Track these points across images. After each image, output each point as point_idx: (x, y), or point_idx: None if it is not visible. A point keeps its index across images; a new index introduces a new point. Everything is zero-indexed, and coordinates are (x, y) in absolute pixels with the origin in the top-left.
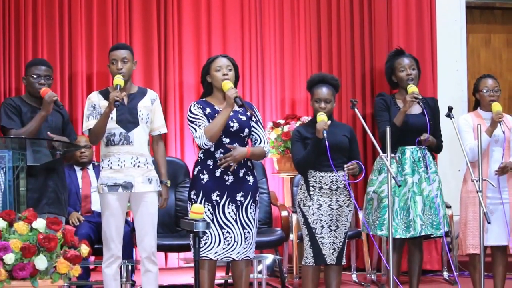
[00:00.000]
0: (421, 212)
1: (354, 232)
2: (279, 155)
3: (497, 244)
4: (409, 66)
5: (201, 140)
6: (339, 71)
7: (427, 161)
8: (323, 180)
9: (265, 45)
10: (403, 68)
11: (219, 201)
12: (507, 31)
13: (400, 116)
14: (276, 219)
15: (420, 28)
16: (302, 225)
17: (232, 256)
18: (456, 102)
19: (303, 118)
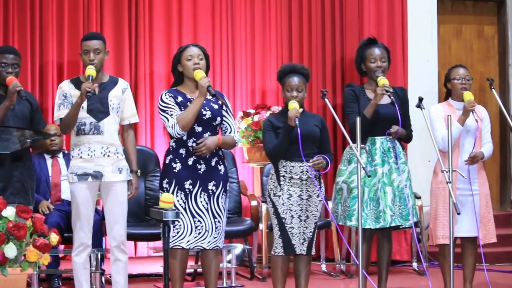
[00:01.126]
0: (391, 203)
1: (324, 222)
2: (249, 145)
3: (467, 235)
4: (379, 58)
5: (173, 129)
6: (309, 61)
7: (396, 152)
8: (294, 170)
9: (236, 35)
10: (374, 59)
11: (192, 189)
12: (478, 22)
13: (371, 108)
14: (245, 208)
15: (391, 19)
16: (272, 215)
17: (203, 245)
18: (427, 93)
19: (273, 108)
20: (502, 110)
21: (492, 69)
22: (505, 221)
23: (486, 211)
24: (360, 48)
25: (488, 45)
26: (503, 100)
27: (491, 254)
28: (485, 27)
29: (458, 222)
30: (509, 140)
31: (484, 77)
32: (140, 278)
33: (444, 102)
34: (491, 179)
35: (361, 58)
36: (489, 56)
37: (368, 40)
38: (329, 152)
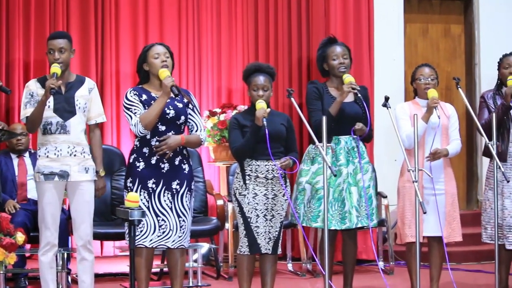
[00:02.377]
0: (356, 203)
1: (289, 222)
2: (215, 144)
3: (433, 234)
4: (341, 55)
5: (136, 128)
6: (276, 60)
7: (359, 151)
8: (259, 169)
9: (202, 34)
10: (336, 56)
11: (155, 188)
12: (444, 21)
13: (336, 106)
14: (211, 208)
15: (358, 18)
16: (237, 214)
17: (167, 244)
18: (393, 92)
19: (239, 107)
20: (468, 109)
21: (458, 68)
22: (471, 220)
23: (452, 209)
24: (321, 48)
25: (455, 44)
26: (470, 99)
27: (458, 253)
28: (452, 26)
29: (425, 221)
30: (475, 139)
31: (451, 76)
32: (107, 277)
33: (411, 100)
34: (457, 178)
35: (322, 57)
36: (455, 55)
37: (328, 39)
38: (295, 151)
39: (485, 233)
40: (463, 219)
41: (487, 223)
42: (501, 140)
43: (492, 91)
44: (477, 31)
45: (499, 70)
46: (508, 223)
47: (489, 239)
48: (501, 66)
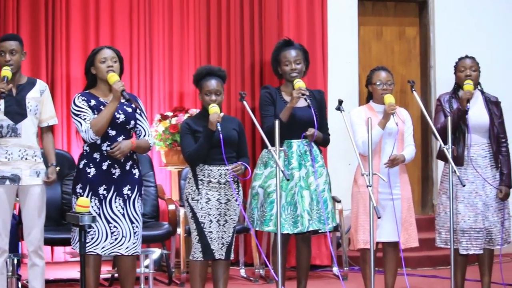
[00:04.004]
0: (308, 207)
1: (242, 227)
2: (166, 148)
3: (388, 240)
4: (294, 60)
5: (87, 134)
6: (228, 63)
7: (313, 155)
8: (212, 174)
9: (154, 37)
10: (288, 61)
11: (106, 195)
12: (399, 23)
13: (287, 112)
14: (163, 213)
15: (311, 20)
16: (190, 219)
17: (121, 251)
18: (347, 95)
19: (191, 110)
20: (423, 113)
21: (413, 71)
22: (427, 225)
23: (408, 215)
24: (275, 51)
25: (410, 46)
26: (425, 102)
27: (413, 258)
28: (407, 28)
29: (380, 226)
30: (431, 143)
31: (405, 79)
32: (57, 283)
33: (365, 105)
34: (412, 182)
35: (276, 61)
36: (410, 58)
37: (284, 41)
38: (246, 156)
39: (439, 237)
40: (418, 224)
41: (441, 227)
42: (457, 144)
43: (449, 95)
44: (432, 33)
45: (455, 73)
46: (462, 227)
47: (443, 243)
48: (457, 70)
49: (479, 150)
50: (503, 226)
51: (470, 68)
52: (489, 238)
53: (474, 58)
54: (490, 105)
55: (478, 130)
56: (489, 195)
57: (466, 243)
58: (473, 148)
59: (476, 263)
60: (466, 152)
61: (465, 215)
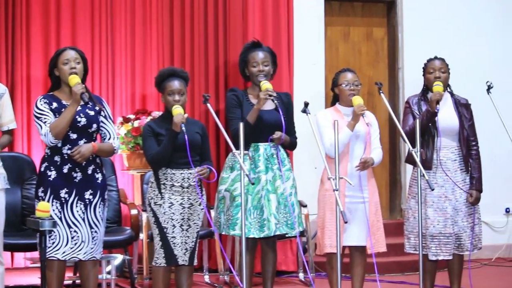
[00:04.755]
0: (275, 210)
1: (206, 232)
2: (129, 152)
3: (356, 244)
4: (262, 62)
5: (47, 138)
6: (191, 64)
7: (280, 158)
8: (175, 177)
9: (116, 38)
10: (256, 63)
11: (68, 198)
12: (366, 24)
13: (254, 113)
14: (125, 217)
15: (277, 21)
16: (152, 224)
17: (79, 256)
18: (314, 98)
19: (154, 113)
20: (391, 115)
21: (381, 72)
22: (395, 229)
23: (376, 219)
24: (243, 52)
25: (377, 47)
26: (393, 104)
27: (380, 264)
28: (374, 29)
29: (347, 230)
30: (399, 146)
31: (373, 81)
32: None
33: (331, 107)
34: (380, 186)
35: (244, 62)
36: (378, 59)
37: (252, 43)
38: (209, 160)
39: (408, 243)
40: (386, 229)
41: (410, 232)
42: (426, 147)
43: (418, 97)
44: (401, 34)
45: (424, 75)
46: (431, 233)
47: (412, 249)
48: (425, 71)
49: (448, 154)
50: (473, 231)
51: (439, 69)
52: (458, 243)
53: (443, 59)
54: (460, 107)
55: (447, 133)
56: (458, 199)
57: (436, 249)
58: (442, 151)
59: (445, 269)
60: (435, 156)
61: (435, 220)
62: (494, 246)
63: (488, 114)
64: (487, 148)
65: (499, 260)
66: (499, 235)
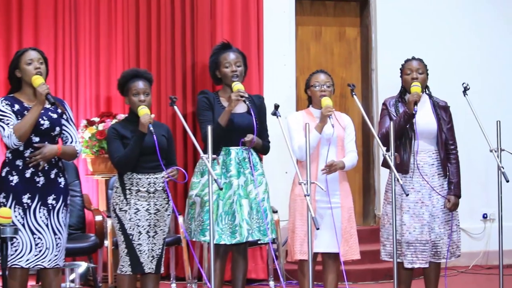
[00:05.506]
0: (247, 216)
1: (173, 238)
2: (93, 156)
3: (328, 251)
4: (234, 62)
5: (10, 140)
6: (158, 66)
7: (252, 162)
8: (140, 182)
9: (80, 38)
10: (229, 64)
11: (30, 204)
12: (339, 24)
13: (225, 116)
14: (89, 224)
15: (246, 20)
16: (118, 231)
17: (44, 264)
18: (284, 100)
19: (119, 116)
20: (364, 118)
21: (354, 74)
22: (368, 236)
23: (349, 225)
24: (214, 54)
25: (350, 48)
26: (366, 107)
27: (354, 271)
28: (347, 29)
29: (318, 237)
30: (372, 149)
31: (346, 83)
32: None
33: (303, 110)
34: (353, 191)
35: (215, 64)
36: (351, 60)
37: (222, 45)
38: (175, 164)
39: (384, 250)
40: (360, 235)
41: (386, 239)
42: (403, 150)
43: (395, 98)
44: (374, 34)
45: (401, 76)
46: (407, 239)
47: (388, 256)
48: (403, 72)
49: (426, 157)
50: (451, 238)
51: (417, 70)
52: (434, 251)
53: (421, 60)
54: (439, 110)
55: (425, 136)
56: (435, 205)
57: (411, 256)
58: (419, 155)
59: (421, 277)
60: (412, 159)
61: (411, 226)
62: (471, 254)
63: (465, 116)
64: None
65: (476, 267)
66: (476, 242)
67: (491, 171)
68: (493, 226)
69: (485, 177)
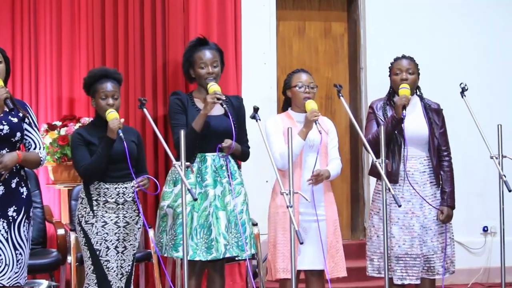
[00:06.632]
0: (225, 230)
1: (143, 254)
2: (55, 163)
3: (312, 268)
4: (211, 63)
5: None
6: (126, 64)
7: (230, 171)
8: (108, 193)
9: (40, 36)
10: (204, 64)
11: None
12: (324, 18)
13: (200, 119)
14: (51, 238)
15: (222, 14)
16: (83, 246)
17: (3, 282)
18: (264, 102)
19: (83, 119)
20: (352, 122)
21: (341, 73)
22: (357, 251)
23: (334, 240)
24: (188, 51)
25: (337, 45)
26: (354, 109)
27: None
28: (333, 24)
29: (301, 253)
30: (361, 156)
31: (332, 83)
32: None
33: (282, 113)
34: (340, 202)
35: (189, 62)
36: (337, 59)
37: (198, 40)
38: (145, 172)
39: (371, 265)
40: (348, 250)
41: (373, 253)
42: (392, 158)
43: (383, 101)
44: (363, 29)
45: (390, 76)
46: (396, 253)
47: (375, 272)
48: (392, 72)
49: (416, 164)
50: (445, 252)
51: (407, 70)
52: (427, 266)
53: (412, 58)
54: (430, 113)
55: (416, 142)
56: (427, 216)
57: (401, 271)
58: (410, 162)
59: None
60: (402, 167)
61: (400, 239)
62: (470, 270)
63: (462, 120)
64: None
65: (476, 285)
66: (475, 258)
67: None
68: (494, 240)
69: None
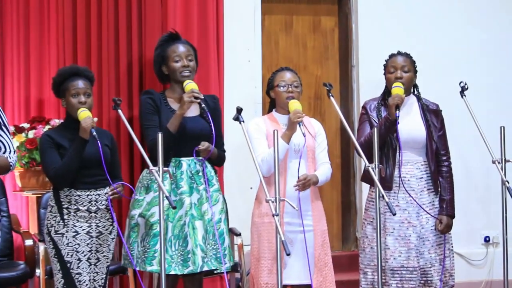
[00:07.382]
0: (202, 241)
1: (117, 266)
2: (22, 169)
3: (299, 282)
4: (185, 56)
5: None
6: (99, 62)
7: (207, 176)
8: (80, 200)
9: (6, 32)
10: (178, 57)
11: None
12: (313, 12)
13: (176, 120)
14: (18, 249)
15: (203, 9)
16: (53, 257)
17: None
18: (248, 102)
19: (53, 121)
20: (343, 123)
21: (331, 71)
22: (348, 263)
23: (323, 252)
24: (160, 46)
25: (327, 41)
26: (345, 110)
27: None
28: (323, 18)
29: (287, 266)
30: (353, 161)
31: (321, 82)
32: None
33: (266, 115)
34: (330, 210)
35: (161, 58)
36: (327, 56)
37: (169, 35)
38: (119, 178)
39: (365, 279)
40: (338, 263)
41: (367, 266)
42: (385, 162)
43: (377, 101)
44: (354, 24)
45: (385, 74)
46: (391, 266)
47: (369, 286)
48: (386, 70)
49: (413, 169)
50: (443, 265)
51: (402, 68)
52: (425, 279)
53: (408, 55)
54: (428, 114)
55: (412, 145)
56: (425, 226)
57: (397, 286)
58: (405, 167)
59: None
60: (396, 172)
61: (396, 251)
62: (471, 284)
63: (462, 121)
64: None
65: None
66: (477, 270)
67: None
68: (496, 251)
69: (487, 194)
